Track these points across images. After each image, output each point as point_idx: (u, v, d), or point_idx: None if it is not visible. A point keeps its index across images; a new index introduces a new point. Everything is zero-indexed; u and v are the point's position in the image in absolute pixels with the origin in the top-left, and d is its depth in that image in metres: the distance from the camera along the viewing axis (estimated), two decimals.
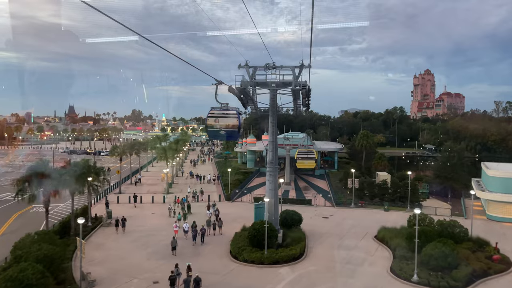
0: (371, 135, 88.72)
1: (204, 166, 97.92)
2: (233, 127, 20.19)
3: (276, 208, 34.52)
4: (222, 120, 20.06)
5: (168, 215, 45.84)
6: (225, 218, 42.30)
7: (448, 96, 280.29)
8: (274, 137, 34.07)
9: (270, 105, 33.82)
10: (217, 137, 21.36)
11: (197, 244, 35.60)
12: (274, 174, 33.93)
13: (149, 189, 61.84)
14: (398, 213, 47.80)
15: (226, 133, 20.45)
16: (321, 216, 45.59)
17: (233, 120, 20.17)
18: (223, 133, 20.35)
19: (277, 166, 34.43)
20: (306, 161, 53.32)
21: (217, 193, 58.84)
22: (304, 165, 54.34)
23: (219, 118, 20.21)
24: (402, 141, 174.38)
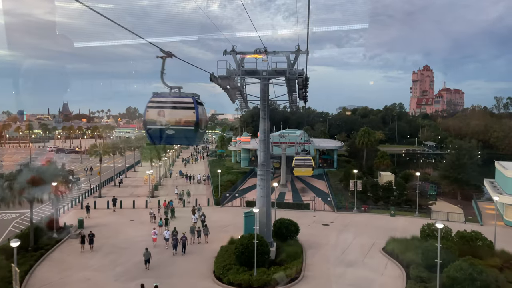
0: (372, 132, 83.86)
1: (196, 165, 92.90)
2: (187, 124, 11.87)
3: (268, 218, 29.59)
4: (170, 113, 11.87)
5: (150, 221, 41.17)
6: (213, 226, 37.44)
7: (447, 92, 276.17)
8: (266, 135, 29.13)
9: (261, 97, 28.85)
10: (162, 139, 12.46)
11: (178, 254, 31.36)
12: (266, 178, 28.99)
13: (132, 191, 56.80)
14: (405, 219, 42.99)
15: (176, 133, 12.00)
16: (320, 223, 40.71)
17: (187, 113, 11.84)
18: (172, 133, 11.92)
19: (269, 169, 29.49)
20: (304, 169, 50.70)
21: (206, 196, 53.86)
22: (301, 173, 51.92)
23: (165, 109, 11.64)
24: (402, 138, 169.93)
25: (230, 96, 30.06)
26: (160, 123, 11.58)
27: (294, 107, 32.48)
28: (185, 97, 11.53)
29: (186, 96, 11.57)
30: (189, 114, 11.29)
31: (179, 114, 11.37)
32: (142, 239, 34.36)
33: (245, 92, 30.79)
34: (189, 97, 11.54)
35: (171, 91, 11.64)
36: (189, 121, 11.33)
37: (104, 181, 61.89)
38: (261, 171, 28.96)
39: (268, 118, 29.16)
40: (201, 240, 34.66)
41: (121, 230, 37.48)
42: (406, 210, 46.40)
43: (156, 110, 11.61)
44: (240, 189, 58.30)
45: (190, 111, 11.24)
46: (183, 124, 11.36)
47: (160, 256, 30.87)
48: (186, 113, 11.34)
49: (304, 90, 29.23)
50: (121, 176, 65.46)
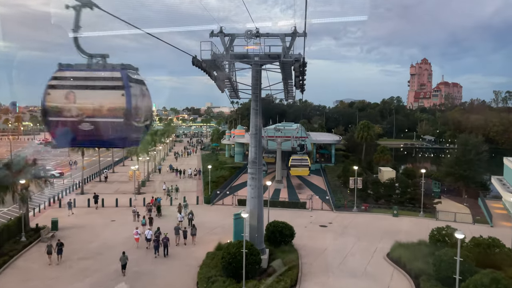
0: (371, 126, 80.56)
1: (188, 159, 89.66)
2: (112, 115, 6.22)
3: (260, 222, 26.33)
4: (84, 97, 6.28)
5: (133, 219, 38.14)
6: (201, 227, 34.28)
7: (445, 86, 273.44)
8: (257, 128, 25.76)
9: (253, 85, 25.46)
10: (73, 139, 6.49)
11: (160, 256, 28.71)
12: (257, 177, 25.67)
13: (118, 188, 53.38)
14: (410, 220, 39.90)
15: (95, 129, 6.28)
16: (318, 224, 37.52)
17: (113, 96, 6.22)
18: (88, 128, 6.26)
19: (261, 166, 26.16)
20: (300, 169, 49.75)
21: (196, 193, 50.55)
22: (298, 173, 51.09)
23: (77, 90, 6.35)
24: (400, 132, 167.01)
25: (219, 85, 26.65)
26: (68, 113, 6.31)
27: (290, 97, 29.11)
28: (110, 70, 6.35)
29: (112, 69, 6.42)
30: (116, 98, 6.21)
31: (100, 97, 6.16)
32: (122, 242, 31.18)
33: (235, 81, 27.38)
34: (117, 71, 6.38)
35: (90, 61, 6.61)
36: (116, 109, 6.18)
37: (88, 177, 58.48)
38: (252, 169, 25.64)
39: (260, 110, 25.80)
40: (186, 242, 31.82)
41: (99, 232, 34.13)
42: (409, 209, 43.30)
43: (62, 92, 6.38)
44: (233, 185, 55.08)
45: (117, 93, 6.22)
46: (105, 115, 6.22)
47: (140, 260, 28.02)
48: (111, 96, 6.20)
49: (301, 77, 25.81)
50: (106, 170, 61.73)
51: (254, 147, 25.52)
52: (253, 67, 25.17)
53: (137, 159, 52.67)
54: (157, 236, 30.14)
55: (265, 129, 59.55)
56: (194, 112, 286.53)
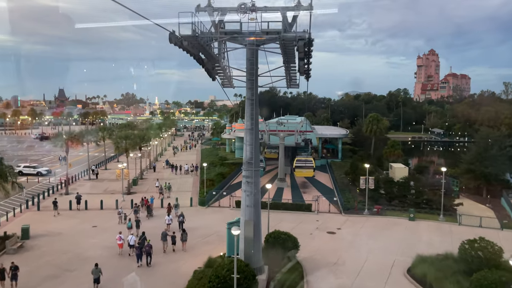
0: (381, 119, 75.73)
1: (187, 154, 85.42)
2: None
3: (257, 235, 21.97)
4: None
5: (118, 222, 34.55)
6: (193, 234, 30.34)
7: (453, 77, 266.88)
8: (254, 122, 21.31)
9: (247, 70, 21.00)
10: None
11: (143, 266, 25.41)
12: (254, 182, 21.27)
13: (107, 187, 49.20)
14: (428, 225, 35.40)
15: None
16: (325, 231, 33.13)
17: None
18: None
19: (258, 168, 21.75)
20: (305, 170, 48.76)
21: (190, 192, 46.31)
22: (302, 174, 49.59)
23: None
24: (407, 125, 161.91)
25: (208, 71, 22.25)
26: None
27: (293, 85, 24.59)
28: None
29: None
30: None
31: None
32: (101, 252, 27.19)
33: (227, 65, 22.91)
34: None
35: None
36: None
37: (77, 175, 54.39)
38: (248, 172, 21.25)
39: (257, 100, 21.35)
40: (176, 248, 28.30)
41: (76, 241, 29.94)
42: (426, 211, 38.78)
43: None
44: (232, 184, 50.82)
45: None
46: None
47: (120, 270, 24.42)
48: None
49: (307, 60, 21.35)
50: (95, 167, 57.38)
51: (250, 145, 21.11)
52: (247, 48, 20.69)
53: (127, 156, 48.28)
54: (139, 243, 26.69)
55: (266, 123, 55.12)
56: (197, 106, 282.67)
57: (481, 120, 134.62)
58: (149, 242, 26.62)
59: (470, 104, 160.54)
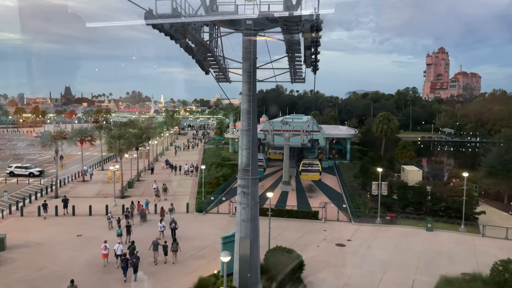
0: (392, 118, 72.08)
1: (189, 153, 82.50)
2: None
3: (255, 255, 18.76)
4: None
5: (108, 227, 32.16)
6: (187, 245, 27.43)
7: (463, 76, 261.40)
8: (251, 122, 18.06)
9: (244, 60, 17.77)
10: None
11: (129, 281, 22.69)
12: (251, 193, 18.04)
13: (101, 190, 46.23)
14: (449, 236, 31.91)
15: None
16: (333, 242, 29.81)
17: None
18: None
19: (257, 176, 18.51)
20: (311, 173, 46.06)
21: (188, 196, 43.21)
22: (308, 177, 46.86)
23: None
24: (416, 124, 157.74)
25: (199, 61, 19.03)
26: None
27: (298, 79, 21.28)
28: None
29: None
30: None
31: None
32: (81, 268, 24.14)
33: (221, 55, 19.67)
34: None
35: None
36: None
37: (70, 176, 51.53)
38: (243, 181, 18.04)
39: (255, 96, 18.12)
40: (167, 259, 25.69)
41: (56, 253, 26.94)
42: (444, 221, 35.29)
43: None
44: (233, 187, 47.56)
45: None
46: None
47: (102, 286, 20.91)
48: None
49: (314, 49, 18.05)
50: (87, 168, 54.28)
51: (246, 149, 17.88)
52: (244, 35, 17.46)
53: (120, 157, 45.24)
54: (125, 254, 24.17)
55: (270, 122, 51.86)
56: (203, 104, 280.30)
57: (493, 120, 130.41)
58: (136, 253, 23.95)
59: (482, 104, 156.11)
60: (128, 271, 23.11)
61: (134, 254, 23.82)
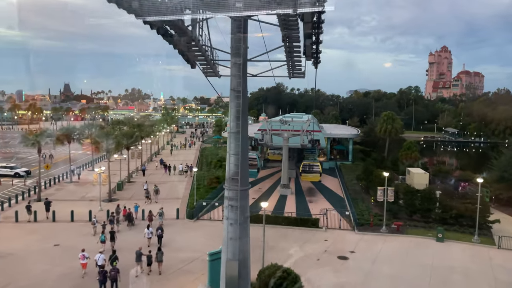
0: (396, 118, 69.27)
1: (185, 152, 79.86)
2: None
3: (244, 278, 16.03)
4: None
5: (93, 233, 29.87)
6: (174, 256, 24.88)
7: (466, 75, 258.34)
8: (240, 122, 15.31)
9: (232, 49, 15.05)
10: None
11: None
12: (240, 206, 15.31)
13: (88, 192, 43.48)
14: (462, 248, 29.13)
15: None
16: (335, 255, 27.10)
17: None
18: None
19: (247, 186, 15.76)
20: (311, 175, 45.26)
21: (180, 199, 40.52)
22: (308, 179, 45.96)
23: None
24: (419, 124, 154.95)
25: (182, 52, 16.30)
26: None
27: (296, 74, 18.54)
28: None
29: None
30: None
31: None
32: (51, 285, 21.56)
33: (207, 45, 16.89)
34: None
35: None
36: None
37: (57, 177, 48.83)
38: (232, 192, 15.34)
39: (245, 92, 15.40)
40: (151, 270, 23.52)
41: (28, 265, 24.29)
42: (455, 229, 32.53)
43: None
44: None
45: None
46: None
47: None
48: None
49: (316, 38, 15.33)
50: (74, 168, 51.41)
51: (234, 154, 15.16)
52: (232, 21, 14.73)
53: (108, 158, 42.55)
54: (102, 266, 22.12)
55: (269, 121, 49.12)
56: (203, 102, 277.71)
57: (497, 120, 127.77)
58: (115, 265, 21.66)
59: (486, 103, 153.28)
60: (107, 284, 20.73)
61: (113, 266, 21.55)
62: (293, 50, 16.59)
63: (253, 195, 42.74)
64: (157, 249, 24.42)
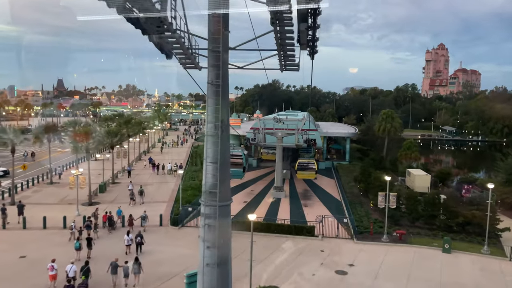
0: (396, 116, 66.72)
1: (177, 150, 77.22)
2: None
3: None
4: None
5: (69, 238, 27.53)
6: (152, 273, 22.08)
7: (463, 73, 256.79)
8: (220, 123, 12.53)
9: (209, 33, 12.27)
10: None
11: None
12: (218, 226, 12.53)
13: (67, 194, 40.34)
14: (471, 260, 26.55)
15: None
16: (333, 269, 24.41)
17: None
18: None
19: (228, 202, 12.97)
20: (307, 172, 42.71)
21: (166, 203, 37.76)
22: (304, 176, 43.47)
23: None
24: (416, 122, 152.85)
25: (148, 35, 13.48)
26: None
27: (290, 66, 15.77)
28: None
29: None
30: None
31: None
32: None
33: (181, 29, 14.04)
34: None
35: None
36: None
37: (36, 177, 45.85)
38: (209, 209, 12.56)
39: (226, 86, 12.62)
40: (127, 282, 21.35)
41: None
42: (462, 238, 30.02)
43: None
44: None
45: None
46: None
47: None
48: None
49: (312, 22, 12.58)
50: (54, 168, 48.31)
51: (213, 162, 12.38)
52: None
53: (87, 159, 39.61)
54: (73, 278, 20.15)
55: (262, 119, 46.37)
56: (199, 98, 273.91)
57: (495, 118, 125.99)
58: (83, 279, 19.26)
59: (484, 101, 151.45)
60: None
61: (82, 280, 19.11)
62: (284, 36, 13.77)
63: (244, 198, 40.13)
64: (134, 260, 21.92)
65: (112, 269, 21.29)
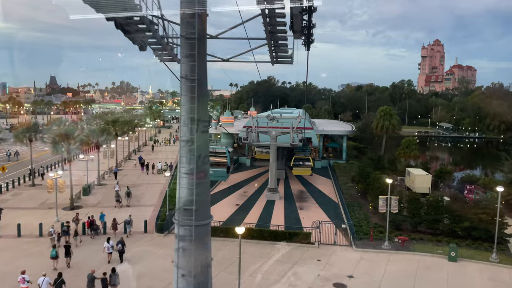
0: (394, 114, 64.77)
1: (169, 148, 75.03)
2: None
3: None
4: None
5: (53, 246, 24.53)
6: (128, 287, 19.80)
7: (459, 69, 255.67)
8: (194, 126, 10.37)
9: (182, 18, 10.08)
10: None
11: None
12: (195, 249, 10.41)
13: (48, 198, 38.10)
14: (479, 269, 24.59)
15: None
16: (331, 281, 22.35)
17: None
18: None
19: (208, 220, 10.85)
20: (302, 168, 42.41)
21: (154, 206, 35.59)
22: (299, 172, 43.58)
23: None
24: (412, 119, 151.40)
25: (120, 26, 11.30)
26: None
27: (282, 59, 13.65)
28: None
29: None
30: None
31: None
32: None
33: (154, 15, 11.84)
34: None
35: None
36: None
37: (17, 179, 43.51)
38: (184, 230, 10.43)
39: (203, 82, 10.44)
40: None
41: None
42: (468, 244, 28.09)
43: None
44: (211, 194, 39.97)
45: None
46: None
47: None
48: None
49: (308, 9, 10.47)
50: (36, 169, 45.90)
51: (188, 173, 10.24)
52: None
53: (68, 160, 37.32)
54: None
55: (255, 117, 44.16)
56: None
57: (492, 114, 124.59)
58: None
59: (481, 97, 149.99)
60: None
61: None
62: (275, 22, 11.61)
63: (237, 201, 38.08)
64: (111, 270, 19.91)
65: (88, 282, 19.50)
